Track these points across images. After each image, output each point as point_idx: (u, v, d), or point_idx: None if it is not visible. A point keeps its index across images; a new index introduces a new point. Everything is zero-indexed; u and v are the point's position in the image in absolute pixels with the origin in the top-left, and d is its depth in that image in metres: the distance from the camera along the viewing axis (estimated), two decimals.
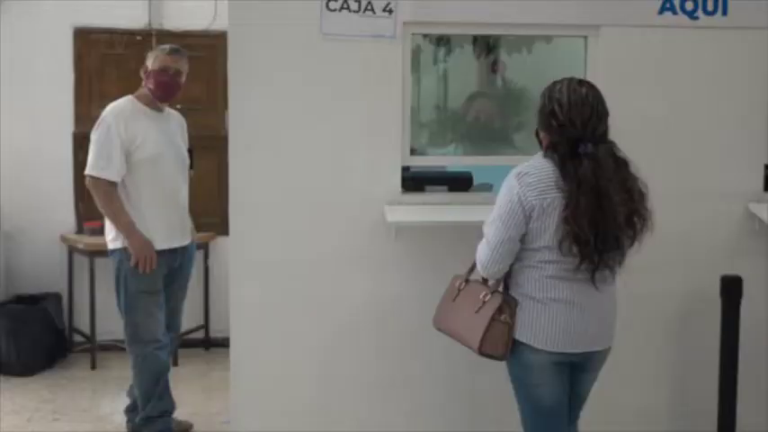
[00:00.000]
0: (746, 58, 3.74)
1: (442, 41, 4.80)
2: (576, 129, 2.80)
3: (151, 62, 4.06)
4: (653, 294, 3.66)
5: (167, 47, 4.12)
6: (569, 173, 2.77)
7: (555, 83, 2.92)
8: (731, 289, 3.53)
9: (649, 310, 3.64)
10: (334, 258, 3.61)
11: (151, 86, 4.05)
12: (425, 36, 4.44)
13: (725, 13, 3.69)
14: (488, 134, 4.62)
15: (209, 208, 5.18)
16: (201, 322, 5.69)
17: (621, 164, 2.85)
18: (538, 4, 3.62)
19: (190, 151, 4.32)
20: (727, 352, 3.55)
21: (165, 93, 4.09)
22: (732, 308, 3.53)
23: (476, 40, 4.71)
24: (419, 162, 3.88)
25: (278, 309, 3.61)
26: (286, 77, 3.54)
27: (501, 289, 2.98)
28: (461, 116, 4.82)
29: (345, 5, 3.50)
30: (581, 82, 2.90)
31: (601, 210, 2.75)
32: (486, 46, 4.78)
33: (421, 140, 4.80)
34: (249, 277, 3.59)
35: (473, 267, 3.03)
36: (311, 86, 3.55)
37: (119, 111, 4.01)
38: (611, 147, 2.85)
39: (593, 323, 2.88)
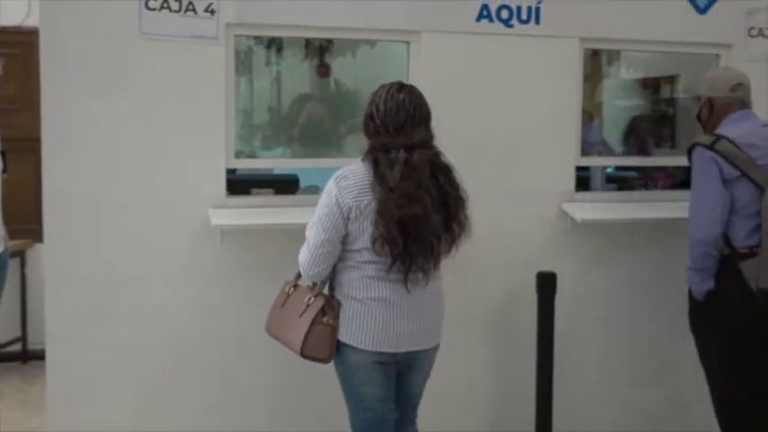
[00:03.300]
0: (559, 65, 3.93)
1: (274, 43, 4.76)
2: (389, 134, 2.86)
3: None
4: (473, 292, 3.78)
5: None
6: (381, 177, 2.82)
7: (380, 87, 2.97)
8: (546, 284, 3.68)
9: (470, 307, 3.76)
10: (156, 264, 3.51)
11: None
12: (257, 38, 4.40)
13: (538, 21, 3.86)
14: (321, 137, 4.63)
15: (25, 214, 4.91)
16: (18, 334, 5.43)
17: (442, 170, 2.91)
18: (361, 9, 3.65)
19: (2, 154, 4.09)
20: (543, 345, 3.70)
21: None
22: (547, 303, 3.68)
23: (308, 43, 4.71)
24: (244, 164, 3.85)
25: (97, 318, 3.46)
26: (103, 78, 3.40)
27: (326, 291, 3.00)
28: (292, 118, 4.81)
29: (165, 5, 3.41)
30: (401, 87, 2.94)
31: (411, 215, 2.80)
32: (319, 49, 4.79)
33: (254, 143, 4.76)
34: (66, 286, 3.43)
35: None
36: (130, 87, 3.43)
37: None
38: (430, 153, 2.89)
39: (414, 322, 2.94)
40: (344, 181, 2.87)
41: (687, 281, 3.49)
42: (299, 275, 3.07)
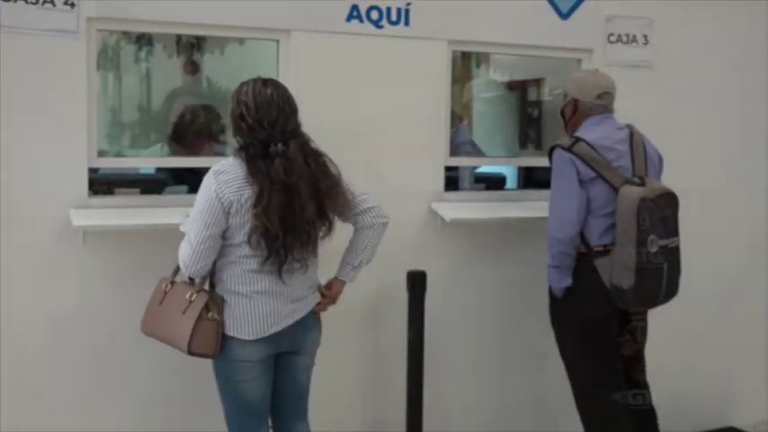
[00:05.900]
0: (428, 66, 3.98)
1: (143, 39, 4.64)
2: (264, 130, 2.90)
3: None
4: (344, 291, 3.77)
5: None
6: (261, 171, 2.86)
7: (242, 85, 3.00)
8: (416, 283, 3.71)
9: (340, 306, 3.74)
10: (14, 266, 3.35)
11: None
12: (125, 33, 4.27)
13: (407, 23, 3.89)
14: (195, 135, 4.54)
15: None
16: None
17: (312, 157, 2.97)
18: (229, 6, 3.60)
19: None
20: (413, 343, 3.73)
21: None
22: (417, 301, 3.71)
23: (179, 39, 4.61)
24: (107, 164, 3.72)
25: None
26: None
27: (207, 287, 3.01)
28: (162, 116, 4.70)
29: None
30: (266, 82, 2.99)
31: (291, 207, 2.87)
32: (190, 46, 4.70)
33: (121, 141, 4.62)
34: None
35: (177, 269, 3.03)
36: None
37: None
38: (301, 142, 2.95)
39: (297, 302, 3.03)
40: (224, 175, 2.89)
41: (547, 278, 3.62)
42: (175, 272, 3.05)
